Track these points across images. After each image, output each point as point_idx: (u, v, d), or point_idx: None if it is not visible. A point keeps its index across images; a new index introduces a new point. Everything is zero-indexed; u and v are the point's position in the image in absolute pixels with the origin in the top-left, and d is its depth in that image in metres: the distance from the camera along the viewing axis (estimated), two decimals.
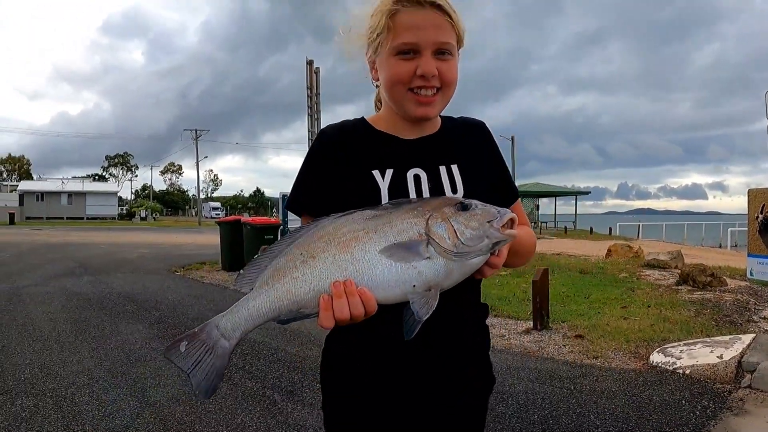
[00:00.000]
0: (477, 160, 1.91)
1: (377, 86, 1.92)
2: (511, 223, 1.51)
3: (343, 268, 1.47)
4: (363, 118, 1.96)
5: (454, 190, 1.80)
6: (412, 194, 1.77)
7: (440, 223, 1.49)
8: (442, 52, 1.74)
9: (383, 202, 1.71)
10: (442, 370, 1.82)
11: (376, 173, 1.78)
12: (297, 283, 1.49)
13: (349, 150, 1.83)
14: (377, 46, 1.79)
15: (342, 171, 1.80)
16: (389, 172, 1.79)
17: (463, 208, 1.52)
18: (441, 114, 1.91)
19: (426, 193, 1.78)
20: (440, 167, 1.83)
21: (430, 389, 1.82)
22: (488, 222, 1.49)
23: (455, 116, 2.00)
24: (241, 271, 1.58)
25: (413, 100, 1.76)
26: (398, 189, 1.77)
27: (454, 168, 1.84)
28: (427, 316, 1.47)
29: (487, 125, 2.02)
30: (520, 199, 2.03)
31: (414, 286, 1.48)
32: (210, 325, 1.55)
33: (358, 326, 1.54)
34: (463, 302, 1.85)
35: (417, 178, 1.80)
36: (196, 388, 1.54)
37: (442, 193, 1.78)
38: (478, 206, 1.53)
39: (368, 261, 1.47)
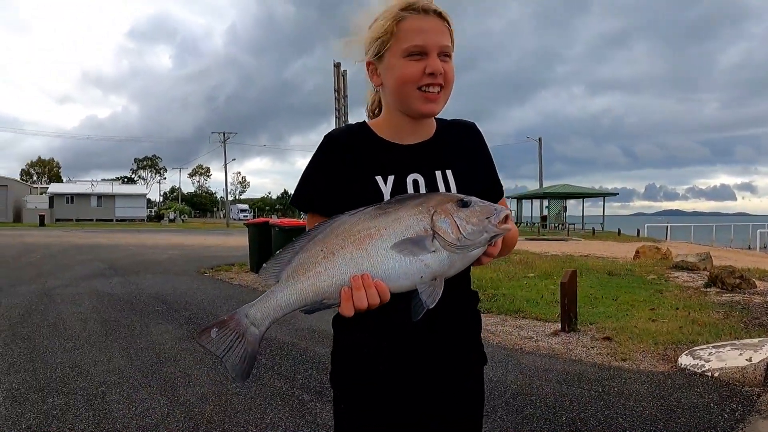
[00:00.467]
0: (471, 164, 2.09)
1: (376, 90, 2.09)
2: (506, 218, 1.69)
3: (359, 263, 1.65)
4: (365, 122, 2.12)
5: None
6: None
7: (444, 219, 1.65)
8: (445, 55, 1.92)
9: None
10: (448, 355, 2.02)
11: (378, 179, 1.95)
12: (320, 277, 1.66)
13: (355, 154, 2.00)
14: (380, 50, 1.95)
15: (347, 173, 1.96)
16: (391, 178, 1.96)
17: (464, 204, 1.69)
18: (435, 117, 2.08)
19: None
20: (436, 172, 2.00)
21: (438, 373, 2.01)
22: (487, 218, 1.67)
23: (448, 118, 2.17)
24: (265, 265, 1.74)
25: (421, 98, 1.92)
26: (399, 193, 1.91)
27: (449, 173, 2.01)
28: (434, 304, 1.65)
29: (478, 126, 2.18)
30: (545, 205, 2.17)
31: (422, 277, 1.65)
32: (239, 313, 1.69)
33: (368, 316, 1.71)
34: (461, 291, 2.06)
35: (416, 182, 1.97)
36: (231, 371, 1.68)
37: None
38: (477, 203, 1.70)
39: (381, 256, 1.64)
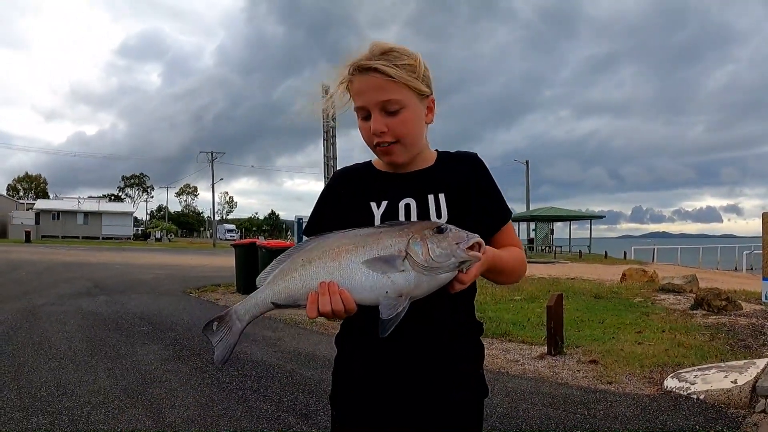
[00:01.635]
0: (464, 189, 2.10)
1: None
2: (478, 246, 1.78)
3: (330, 272, 1.81)
4: (370, 161, 2.24)
5: (439, 215, 2.04)
6: (402, 219, 2.05)
7: (418, 242, 1.77)
8: (389, 110, 1.97)
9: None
10: (447, 385, 2.04)
11: (372, 204, 2.09)
12: (294, 282, 1.84)
13: (355, 185, 2.15)
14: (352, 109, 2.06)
15: (346, 204, 2.13)
16: (384, 203, 2.08)
17: (439, 231, 1.78)
18: (438, 149, 2.20)
19: (414, 219, 2.03)
20: (429, 195, 2.07)
21: (436, 403, 2.03)
22: (456, 243, 1.76)
23: (452, 150, 2.24)
24: (262, 272, 1.94)
25: (380, 152, 2.06)
26: (390, 216, 2.05)
27: (441, 196, 2.07)
28: (390, 316, 1.74)
29: (480, 156, 2.21)
30: (532, 224, 2.21)
31: (387, 292, 1.77)
32: (231, 310, 1.92)
33: (360, 331, 2.02)
34: (463, 319, 2.12)
35: (407, 206, 2.06)
36: (216, 357, 1.92)
37: (428, 218, 2.03)
38: (451, 230, 1.79)
39: (351, 269, 1.79)
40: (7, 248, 44.70)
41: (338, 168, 2.38)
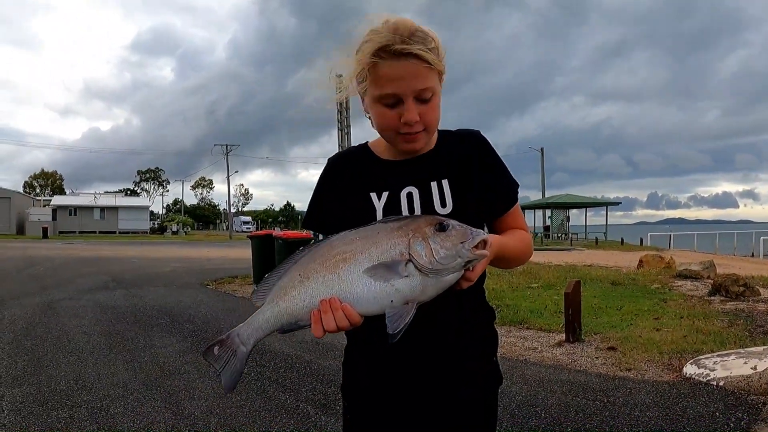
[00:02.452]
0: (466, 171, 2.01)
1: (368, 117, 1.99)
2: (483, 243, 1.68)
3: (330, 287, 1.71)
4: (366, 144, 2.15)
5: (443, 204, 1.95)
6: (405, 211, 1.95)
7: (420, 242, 1.67)
8: (423, 98, 1.85)
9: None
10: (460, 373, 1.99)
11: (373, 195, 1.99)
12: (294, 301, 1.75)
13: (353, 173, 2.06)
14: (363, 90, 1.92)
15: (343, 194, 2.04)
16: (385, 194, 1.98)
17: (441, 228, 1.68)
18: (439, 129, 2.04)
19: (417, 209, 1.95)
20: (432, 183, 1.98)
21: (448, 391, 1.98)
22: (461, 243, 1.66)
23: (454, 129, 2.13)
24: (255, 287, 1.87)
25: (402, 140, 1.93)
26: (392, 208, 1.96)
27: (445, 183, 1.98)
28: (398, 329, 1.66)
29: (483, 133, 2.12)
30: (547, 212, 2.13)
31: (392, 301, 1.68)
32: (233, 333, 1.81)
33: (364, 339, 1.98)
34: (474, 306, 2.06)
35: (410, 195, 1.97)
36: (224, 384, 1.81)
37: (432, 207, 1.94)
38: (454, 227, 1.69)
39: (351, 281, 1.69)
40: (25, 244, 44.97)
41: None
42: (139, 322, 10.30)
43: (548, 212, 57.47)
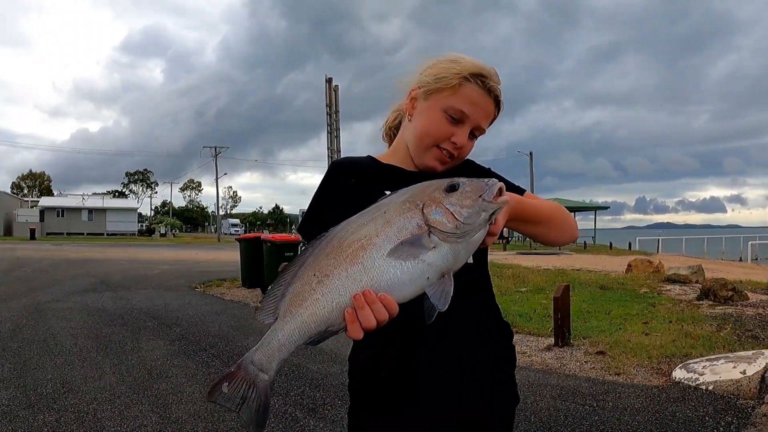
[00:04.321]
0: None
1: (409, 119, 2.03)
2: (500, 191, 1.55)
3: (357, 280, 1.51)
4: (369, 156, 2.14)
5: None
6: None
7: (436, 210, 1.52)
8: (473, 134, 1.97)
9: None
10: (479, 394, 1.93)
11: (388, 194, 1.81)
12: (319, 304, 1.53)
13: (362, 180, 1.99)
14: (432, 91, 1.94)
15: (357, 195, 1.88)
16: None
17: (452, 188, 1.55)
18: None
19: None
20: None
21: (468, 412, 1.90)
22: (480, 196, 1.53)
23: None
24: (259, 303, 1.62)
25: (434, 155, 1.96)
26: None
27: None
28: (447, 305, 1.51)
29: (475, 154, 2.13)
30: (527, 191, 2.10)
31: (428, 278, 1.52)
32: (245, 361, 1.58)
33: (391, 340, 1.81)
34: (491, 324, 2.05)
35: None
36: (247, 423, 1.58)
37: None
38: (465, 183, 1.56)
39: (379, 267, 1.51)
40: (13, 246, 44.75)
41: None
42: (127, 325, 10.25)
43: None
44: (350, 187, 1.97)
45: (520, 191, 2.04)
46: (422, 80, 1.96)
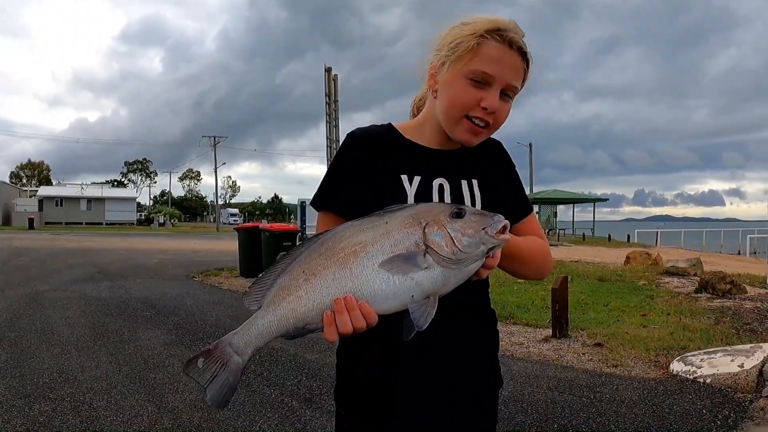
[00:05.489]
0: (495, 177, 1.99)
1: (433, 94, 1.92)
2: (503, 229, 1.55)
3: (342, 284, 1.53)
4: (390, 124, 2.02)
5: (473, 202, 1.89)
6: (436, 200, 1.84)
7: (437, 232, 1.53)
8: (507, 94, 1.83)
9: None
10: (463, 379, 1.90)
11: (404, 178, 1.86)
12: (301, 302, 1.55)
13: (379, 152, 1.90)
14: (451, 61, 1.82)
15: (371, 169, 1.87)
16: (417, 179, 1.86)
17: (458, 215, 1.55)
18: None
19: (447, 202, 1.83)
20: (462, 180, 1.92)
21: (452, 397, 1.89)
22: (483, 229, 1.53)
23: None
24: (247, 289, 1.63)
25: (466, 128, 1.84)
26: (423, 196, 1.84)
27: (475, 182, 1.93)
28: (426, 325, 1.52)
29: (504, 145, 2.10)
30: (534, 211, 2.07)
31: (413, 296, 1.53)
32: (223, 342, 1.61)
33: (377, 334, 1.66)
34: (480, 310, 2.00)
35: (441, 187, 1.88)
36: (209, 400, 1.61)
37: (463, 203, 1.82)
38: (473, 213, 1.57)
39: (366, 276, 1.52)
40: (11, 235, 44.69)
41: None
42: (124, 315, 10.24)
43: (536, 208, 57.48)
44: (363, 159, 1.89)
45: (528, 209, 2.05)
46: (438, 55, 1.87)
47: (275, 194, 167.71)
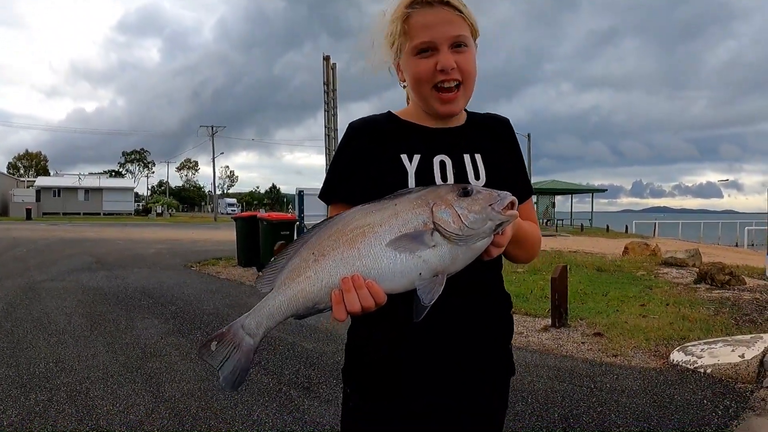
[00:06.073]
0: (499, 153, 1.98)
1: (404, 87, 2.00)
2: (511, 205, 1.57)
3: (350, 264, 1.56)
4: (389, 111, 2.04)
5: (477, 177, 1.89)
6: (438, 178, 1.85)
7: (444, 210, 1.55)
8: (458, 45, 1.82)
9: (410, 185, 1.80)
10: (475, 363, 1.89)
11: (404, 157, 1.86)
12: (310, 282, 1.58)
13: (379, 139, 1.92)
14: (398, 50, 1.88)
15: (371, 156, 1.88)
16: (416, 158, 1.86)
17: (465, 193, 1.58)
18: (467, 109, 2.01)
19: (450, 178, 1.85)
20: (464, 155, 1.91)
21: (463, 381, 1.88)
22: (490, 205, 1.55)
23: (481, 112, 2.09)
24: (260, 273, 1.67)
25: (437, 99, 1.85)
26: (425, 173, 1.85)
27: (478, 157, 1.92)
28: (432, 301, 1.54)
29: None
30: (533, 198, 2.06)
31: (420, 274, 1.55)
32: (236, 325, 1.64)
33: (389, 315, 1.69)
34: (494, 293, 1.97)
35: (443, 163, 1.87)
36: (222, 381, 1.65)
37: (465, 178, 1.86)
38: (480, 191, 1.59)
39: (373, 255, 1.55)
40: (8, 226, 44.65)
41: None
42: (121, 304, 10.22)
43: (534, 198, 57.44)
44: (364, 148, 1.91)
45: (528, 192, 2.06)
46: (390, 50, 1.92)
47: (273, 184, 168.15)
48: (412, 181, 1.82)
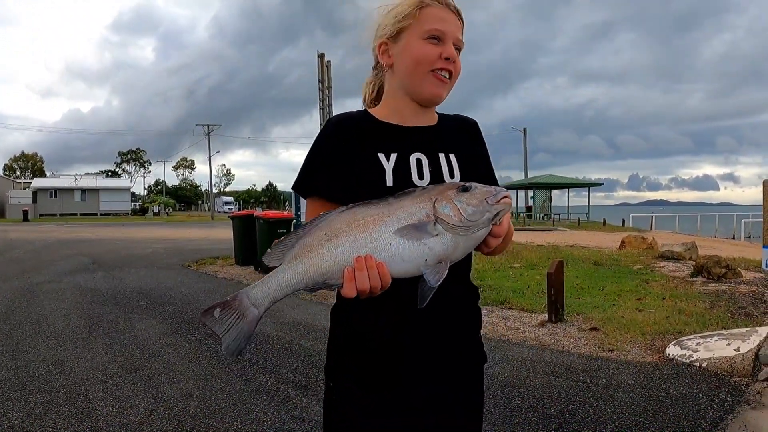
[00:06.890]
0: (470, 154, 2.11)
1: (375, 74, 2.15)
2: (505, 197, 1.70)
3: (363, 245, 1.65)
4: (365, 109, 2.14)
5: (452, 175, 2.00)
6: (414, 176, 1.96)
7: (445, 204, 1.66)
8: (457, 48, 2.00)
9: (388, 183, 1.92)
10: (446, 352, 1.99)
11: (381, 156, 1.95)
12: (323, 258, 1.66)
13: (356, 134, 2.00)
14: (398, 31, 1.99)
15: (349, 153, 1.96)
16: (393, 156, 1.96)
17: (464, 189, 1.69)
18: (437, 111, 2.14)
19: (426, 176, 1.96)
20: (440, 154, 2.02)
21: (437, 370, 1.97)
22: (486, 199, 1.67)
23: (450, 113, 2.21)
24: (269, 249, 1.73)
25: (433, 80, 1.97)
26: (401, 171, 1.95)
27: (452, 156, 2.04)
28: (438, 282, 1.64)
29: (469, 115, 2.24)
30: (530, 192, 2.15)
31: (426, 260, 1.65)
32: (241, 294, 1.72)
33: (368, 308, 1.85)
34: (461, 285, 2.05)
35: (419, 161, 1.98)
36: (225, 348, 1.71)
37: (441, 176, 1.98)
38: (477, 187, 1.70)
39: (385, 240, 1.65)
40: (5, 228, 44.63)
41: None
42: (119, 305, 10.23)
43: (531, 192, 57.53)
44: (341, 143, 1.98)
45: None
46: (384, 31, 2.03)
47: (270, 182, 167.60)
48: (390, 179, 1.92)
